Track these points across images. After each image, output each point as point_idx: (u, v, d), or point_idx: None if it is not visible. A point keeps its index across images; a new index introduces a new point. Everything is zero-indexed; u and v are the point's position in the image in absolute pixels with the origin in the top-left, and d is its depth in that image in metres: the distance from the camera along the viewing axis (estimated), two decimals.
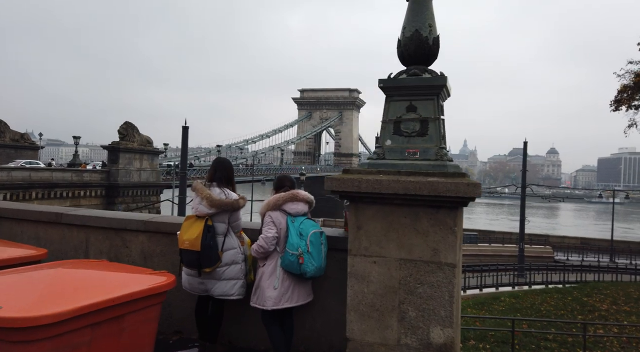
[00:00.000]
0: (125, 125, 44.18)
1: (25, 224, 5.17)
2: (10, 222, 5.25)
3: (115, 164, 42.52)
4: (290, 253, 3.72)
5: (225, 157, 47.74)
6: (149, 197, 46.07)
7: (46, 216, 5.05)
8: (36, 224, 5.12)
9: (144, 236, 4.66)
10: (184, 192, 17.06)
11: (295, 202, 3.90)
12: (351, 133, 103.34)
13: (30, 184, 34.82)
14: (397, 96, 3.73)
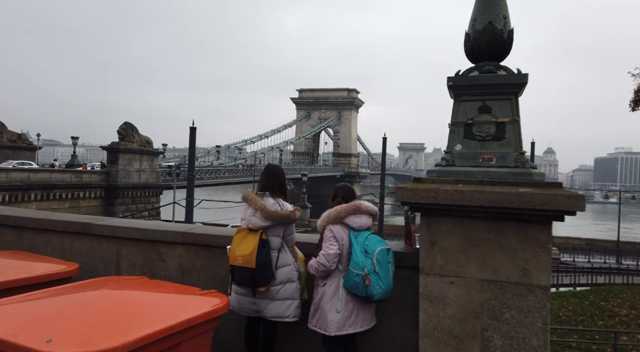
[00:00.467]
0: (124, 125, 43.75)
1: (49, 234, 4.83)
2: (32, 232, 4.91)
3: (115, 165, 42.09)
4: (354, 273, 3.35)
5: (221, 157, 47.09)
6: (149, 199, 45.67)
7: (73, 226, 4.71)
8: (61, 235, 4.78)
9: (181, 249, 4.32)
10: (191, 195, 16.71)
11: (359, 215, 3.54)
12: (350, 133, 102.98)
13: (29, 186, 34.37)
14: (468, 96, 3.41)
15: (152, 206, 45.85)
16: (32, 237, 4.89)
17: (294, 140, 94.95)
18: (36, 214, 5.16)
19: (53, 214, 5.15)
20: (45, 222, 4.85)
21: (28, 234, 4.92)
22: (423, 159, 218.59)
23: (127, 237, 4.49)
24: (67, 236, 4.75)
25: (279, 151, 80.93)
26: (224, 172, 61.51)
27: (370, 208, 3.59)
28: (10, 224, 5.00)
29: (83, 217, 4.95)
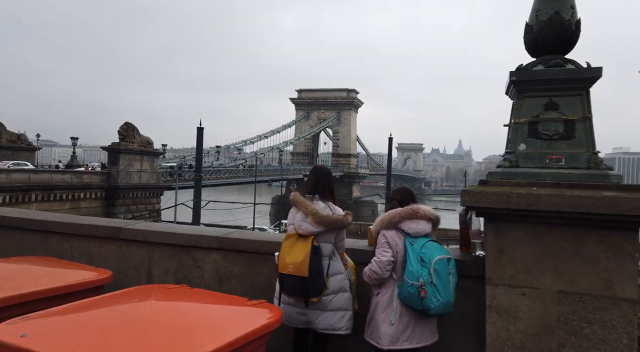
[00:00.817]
0: (125, 125, 43.46)
1: (76, 239, 4.62)
2: (59, 237, 4.70)
3: (116, 166, 41.79)
4: (409, 283, 3.10)
5: (221, 157, 46.78)
6: (149, 200, 45.38)
7: (101, 230, 4.49)
8: (89, 240, 4.56)
9: (217, 254, 4.11)
10: (199, 195, 16.40)
11: (415, 220, 3.28)
12: (349, 133, 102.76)
13: (30, 187, 34.09)
14: (533, 92, 3.22)
15: (153, 206, 45.57)
16: (58, 242, 4.68)
17: (294, 141, 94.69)
18: (62, 217, 4.94)
19: (79, 217, 4.94)
20: (72, 226, 4.63)
21: (54, 238, 4.71)
22: (421, 159, 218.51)
23: (160, 242, 4.28)
24: (95, 241, 4.53)
25: (278, 152, 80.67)
26: (224, 173, 61.24)
27: (429, 213, 3.34)
28: (34, 227, 4.79)
29: (112, 221, 4.73)
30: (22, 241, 4.86)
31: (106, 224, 4.56)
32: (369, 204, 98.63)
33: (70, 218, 4.88)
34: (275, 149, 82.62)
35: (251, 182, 51.17)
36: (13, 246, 4.86)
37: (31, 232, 4.83)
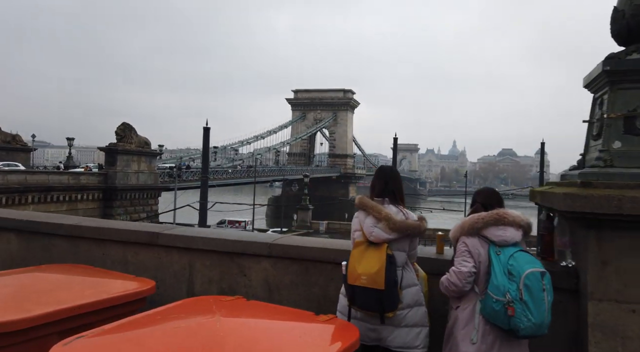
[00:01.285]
0: (122, 126, 42.95)
1: (109, 245, 4.30)
2: (89, 242, 4.38)
3: (113, 167, 41.29)
4: (493, 299, 2.74)
5: (218, 158, 46.24)
6: (147, 201, 44.89)
7: (138, 235, 4.18)
8: (123, 246, 4.24)
9: (267, 262, 3.80)
10: (205, 197, 15.96)
11: (502, 227, 2.92)
12: (345, 134, 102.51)
13: (27, 188, 33.58)
14: (629, 83, 2.93)
15: (151, 208, 45.11)
16: (89, 248, 4.36)
17: (291, 141, 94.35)
18: (93, 222, 4.61)
19: (112, 222, 4.62)
20: (105, 231, 4.31)
21: (84, 244, 4.39)
22: (417, 159, 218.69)
23: (202, 248, 3.97)
24: (130, 247, 4.22)
25: (275, 152, 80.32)
26: (222, 173, 60.82)
27: (519, 219, 2.97)
28: (63, 233, 4.47)
29: (149, 226, 4.41)
30: (50, 247, 4.54)
31: (143, 229, 4.25)
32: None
33: (102, 222, 4.55)
34: (272, 150, 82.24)
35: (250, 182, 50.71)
36: (41, 252, 4.55)
37: (60, 238, 4.51)
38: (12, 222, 4.75)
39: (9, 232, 4.78)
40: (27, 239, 4.69)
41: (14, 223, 4.74)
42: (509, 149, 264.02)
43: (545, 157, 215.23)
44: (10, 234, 4.77)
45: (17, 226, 4.73)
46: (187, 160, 63.79)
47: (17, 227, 4.72)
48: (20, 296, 3.02)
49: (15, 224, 4.73)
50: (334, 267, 3.59)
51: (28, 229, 4.68)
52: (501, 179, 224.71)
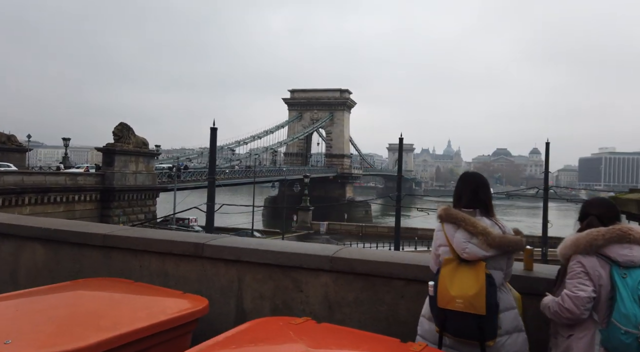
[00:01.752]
0: (120, 126, 42.49)
1: (147, 256, 3.97)
2: (124, 253, 4.05)
3: (111, 167, 40.83)
4: (621, 330, 2.38)
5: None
6: (145, 202, 44.45)
7: (179, 246, 3.84)
8: (162, 257, 3.91)
9: (327, 277, 3.47)
10: (212, 199, 15.66)
11: (627, 245, 2.55)
12: (342, 134, 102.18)
13: (23, 189, 33.07)
14: None
15: (149, 209, 44.66)
16: (124, 260, 4.02)
17: (288, 141, 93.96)
18: (128, 231, 4.26)
19: (149, 231, 4.28)
20: (141, 241, 3.97)
21: (118, 255, 4.05)
22: (412, 159, 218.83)
23: (253, 261, 3.64)
24: (170, 259, 3.88)
25: (272, 152, 79.90)
26: (220, 174, 60.35)
27: None
28: (94, 243, 4.13)
29: (191, 236, 4.07)
30: (80, 258, 4.20)
31: (186, 239, 3.90)
32: (362, 205, 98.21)
33: (138, 232, 4.21)
34: (269, 150, 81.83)
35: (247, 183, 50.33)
36: (70, 263, 4.22)
37: (91, 248, 4.17)
38: (37, 231, 4.42)
39: (34, 241, 4.44)
40: (54, 249, 4.36)
41: (40, 232, 4.40)
42: (503, 149, 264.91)
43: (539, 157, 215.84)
44: (36, 243, 4.44)
45: (43, 235, 4.39)
46: (185, 161, 63.31)
47: (44, 236, 4.39)
48: (68, 318, 2.68)
49: (42, 233, 4.39)
50: (405, 283, 3.29)
51: (55, 239, 4.34)
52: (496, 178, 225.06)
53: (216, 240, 3.85)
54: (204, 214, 16.67)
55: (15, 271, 4.53)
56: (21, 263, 4.52)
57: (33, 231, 4.44)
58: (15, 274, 4.53)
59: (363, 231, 42.34)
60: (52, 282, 3.96)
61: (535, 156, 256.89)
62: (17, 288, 4.40)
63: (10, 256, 4.58)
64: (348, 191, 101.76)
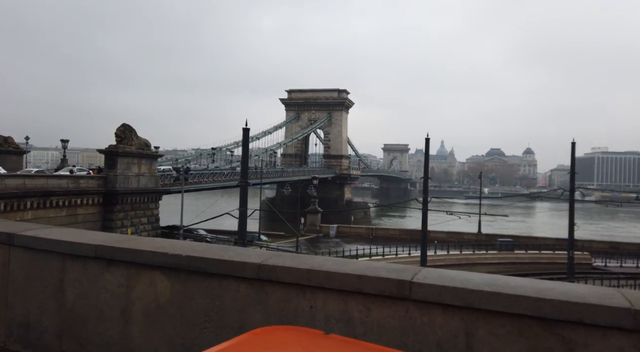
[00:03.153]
0: (122, 127, 41.25)
1: (321, 294, 3.00)
2: (287, 288, 3.09)
3: (113, 170, 39.56)
4: None
5: (214, 159, 44.48)
6: (148, 205, 43.17)
7: (374, 283, 2.87)
8: (346, 297, 2.95)
9: (625, 340, 2.51)
10: (245, 204, 14.44)
11: None
12: (340, 134, 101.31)
13: (25, 193, 31.79)
14: None
15: (152, 212, 43.41)
16: (286, 298, 3.04)
17: (287, 142, 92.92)
18: (295, 260, 3.24)
19: (321, 259, 3.30)
20: (317, 275, 3.00)
21: (278, 291, 3.07)
22: (407, 160, 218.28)
23: (488, 308, 2.70)
24: (357, 299, 2.92)
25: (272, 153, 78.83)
26: (219, 175, 59.28)
27: None
28: (245, 274, 3.14)
29: (391, 270, 3.06)
30: (222, 292, 3.24)
31: (382, 273, 2.93)
32: (360, 206, 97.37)
33: (308, 260, 3.20)
34: (269, 151, 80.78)
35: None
36: (207, 299, 3.26)
37: (237, 281, 3.22)
38: (159, 258, 3.46)
39: (153, 270, 3.50)
40: (182, 281, 3.40)
41: (163, 258, 3.45)
42: (497, 149, 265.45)
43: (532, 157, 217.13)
44: (156, 272, 3.49)
45: (167, 262, 3.44)
46: (184, 163, 62.14)
47: (168, 263, 3.44)
48: None
49: (165, 259, 3.44)
50: None
51: (185, 268, 3.39)
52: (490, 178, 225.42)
53: (429, 277, 2.89)
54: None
55: (128, 306, 3.58)
56: (135, 297, 3.57)
57: (152, 256, 3.48)
58: (128, 310, 3.58)
59: (373, 234, 41.44)
60: (180, 322, 3.17)
61: (529, 156, 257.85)
62: (130, 328, 3.46)
63: (119, 287, 3.63)
64: (347, 191, 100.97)
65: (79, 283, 3.82)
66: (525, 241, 36.74)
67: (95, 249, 3.73)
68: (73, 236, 4.00)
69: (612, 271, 28.39)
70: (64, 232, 4.18)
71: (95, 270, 3.75)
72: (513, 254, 32.23)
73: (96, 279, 3.75)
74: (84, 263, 3.81)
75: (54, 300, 3.92)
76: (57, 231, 4.30)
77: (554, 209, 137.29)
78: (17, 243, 4.11)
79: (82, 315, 3.80)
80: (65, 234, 4.05)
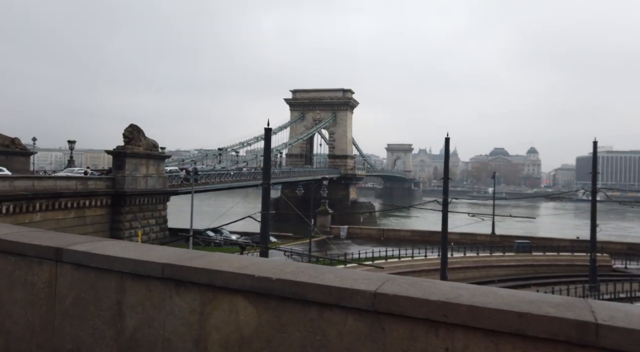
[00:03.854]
0: (130, 128, 40.86)
1: (459, 334, 2.44)
2: (411, 324, 2.53)
3: (121, 171, 39.18)
4: None
5: (216, 160, 44.04)
6: (156, 206, 42.76)
7: (538, 324, 2.32)
8: (498, 338, 2.39)
9: None
10: (267, 207, 13.76)
11: None
12: (345, 134, 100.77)
13: (35, 194, 31.39)
14: None
15: (160, 213, 42.97)
16: (411, 336, 2.45)
17: (293, 142, 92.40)
18: (416, 288, 2.69)
19: (459, 286, 2.74)
20: (457, 309, 2.46)
21: (400, 327, 2.49)
22: (411, 159, 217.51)
23: None
24: (513, 342, 2.36)
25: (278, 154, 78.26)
26: (227, 176, 58.76)
27: None
28: (356, 305, 2.59)
29: (568, 304, 2.48)
30: (323, 325, 2.67)
31: (554, 313, 2.36)
32: (366, 206, 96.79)
33: (432, 289, 2.66)
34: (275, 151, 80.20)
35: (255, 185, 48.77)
36: (305, 333, 2.69)
37: (344, 313, 2.66)
38: (241, 279, 2.93)
39: (235, 295, 2.97)
40: (272, 310, 2.85)
41: (247, 281, 2.92)
42: (500, 149, 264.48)
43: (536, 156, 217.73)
44: (238, 298, 2.95)
45: (252, 286, 2.90)
46: (190, 163, 61.66)
47: (253, 288, 2.90)
48: None
49: (250, 283, 2.91)
50: None
51: (275, 293, 2.85)
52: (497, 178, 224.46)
53: (615, 316, 2.30)
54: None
55: (203, 337, 3.04)
56: (211, 326, 3.03)
57: (234, 279, 2.94)
58: (203, 342, 3.04)
59: (384, 235, 40.78)
60: None
61: (533, 155, 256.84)
62: None
63: (191, 314, 3.09)
64: (352, 192, 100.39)
65: (142, 307, 3.29)
66: (542, 242, 35.95)
67: (162, 268, 3.19)
68: (134, 251, 3.46)
69: (633, 273, 27.76)
70: (122, 247, 3.63)
71: (161, 292, 3.22)
72: (531, 256, 31.47)
73: (163, 303, 3.21)
74: (147, 284, 3.27)
75: (110, 326, 3.39)
76: (114, 245, 3.76)
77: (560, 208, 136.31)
78: (65, 259, 3.58)
79: (145, 345, 3.26)
80: (124, 250, 3.51)
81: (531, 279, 27.07)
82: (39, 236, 4.09)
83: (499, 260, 30.11)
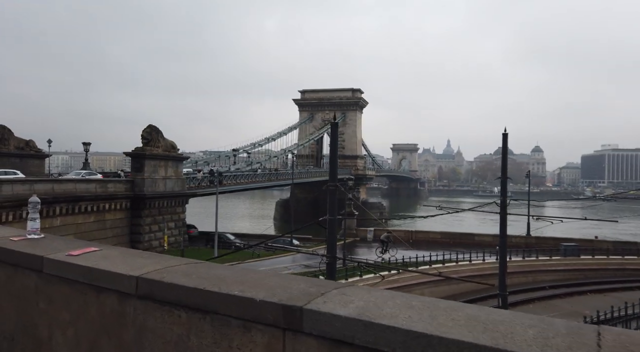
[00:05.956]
0: (149, 128, 39.57)
1: None
2: None
3: (140, 173, 37.87)
4: None
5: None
6: (175, 209, 41.43)
7: None
8: None
9: None
10: (334, 212, 11.93)
11: None
12: (355, 134, 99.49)
13: (55, 198, 30.12)
14: None
15: (179, 216, 41.65)
16: None
17: (304, 143, 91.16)
18: None
19: None
20: None
21: None
22: (416, 159, 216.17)
23: None
24: None
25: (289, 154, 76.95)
26: (241, 178, 57.47)
27: None
28: None
29: None
30: None
31: None
32: (376, 206, 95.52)
33: None
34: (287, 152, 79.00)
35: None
36: None
37: None
38: None
39: (314, 338, 1.75)
40: None
41: None
42: None
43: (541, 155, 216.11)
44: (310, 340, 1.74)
45: None
46: (203, 165, 60.39)
47: None
48: None
49: None
50: None
51: None
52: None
53: None
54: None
55: None
56: None
57: None
58: None
59: (413, 237, 39.35)
60: None
61: (537, 154, 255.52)
62: None
63: None
64: (362, 192, 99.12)
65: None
66: (584, 244, 34.18)
67: None
68: None
69: None
70: None
71: None
72: (579, 260, 29.73)
73: None
74: None
75: None
76: None
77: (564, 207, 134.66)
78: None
79: None
80: None
81: (584, 285, 25.62)
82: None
83: (545, 264, 28.50)
